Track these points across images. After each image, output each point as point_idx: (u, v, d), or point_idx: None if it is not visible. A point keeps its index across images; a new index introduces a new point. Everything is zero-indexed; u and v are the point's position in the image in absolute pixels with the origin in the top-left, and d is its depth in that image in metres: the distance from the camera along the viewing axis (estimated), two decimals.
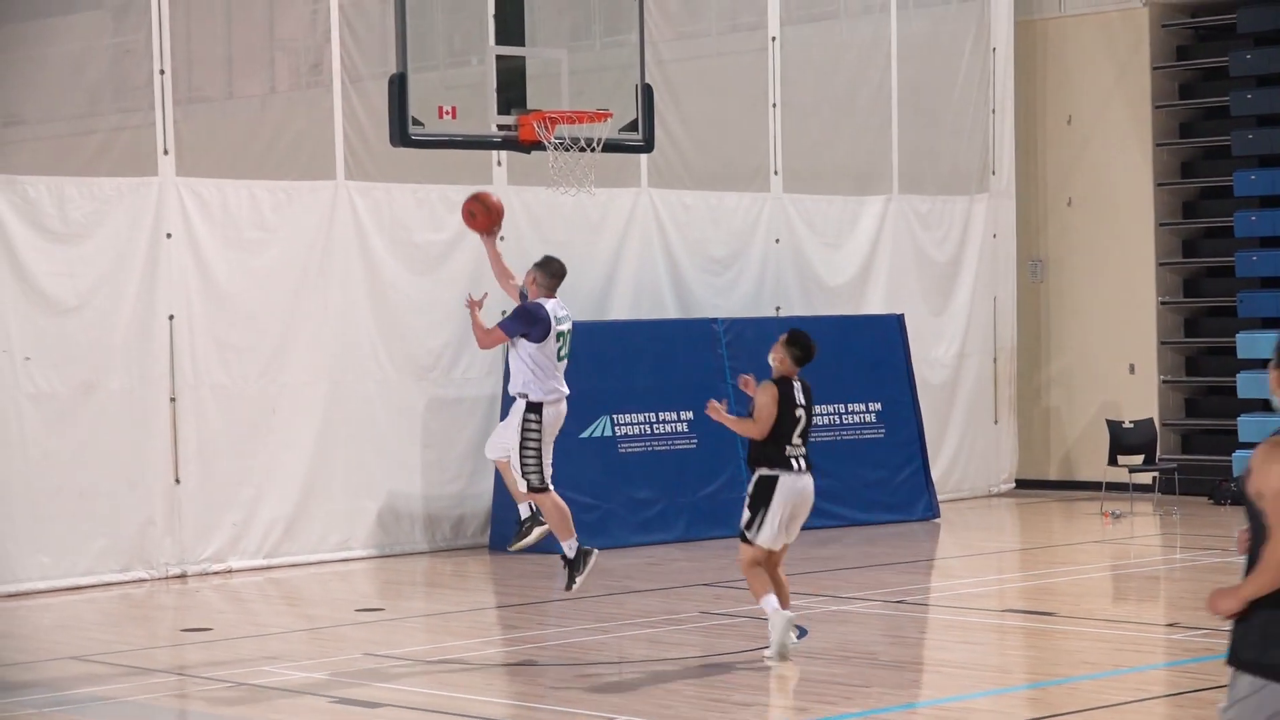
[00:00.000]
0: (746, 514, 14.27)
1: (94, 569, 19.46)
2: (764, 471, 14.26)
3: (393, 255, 21.70)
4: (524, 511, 15.13)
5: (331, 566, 20.36)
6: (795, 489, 14.22)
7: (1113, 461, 24.94)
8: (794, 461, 14.27)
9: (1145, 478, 25.17)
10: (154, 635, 17.01)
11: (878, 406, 24.08)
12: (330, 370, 20.83)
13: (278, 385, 20.49)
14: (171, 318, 20.16)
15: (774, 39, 24.71)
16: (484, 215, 15.20)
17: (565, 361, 15.02)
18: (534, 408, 14.75)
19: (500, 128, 15.75)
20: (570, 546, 14.84)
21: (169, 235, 20.18)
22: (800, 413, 14.38)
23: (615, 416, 22.07)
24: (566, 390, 15.02)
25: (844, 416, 23.79)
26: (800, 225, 24.96)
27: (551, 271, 15.11)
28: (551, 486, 14.87)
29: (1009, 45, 26.92)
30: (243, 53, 22.43)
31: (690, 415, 22.55)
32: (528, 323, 14.78)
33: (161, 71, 20.08)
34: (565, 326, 15.00)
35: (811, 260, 25.03)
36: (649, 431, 22.32)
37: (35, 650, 16.02)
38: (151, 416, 19.96)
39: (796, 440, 14.34)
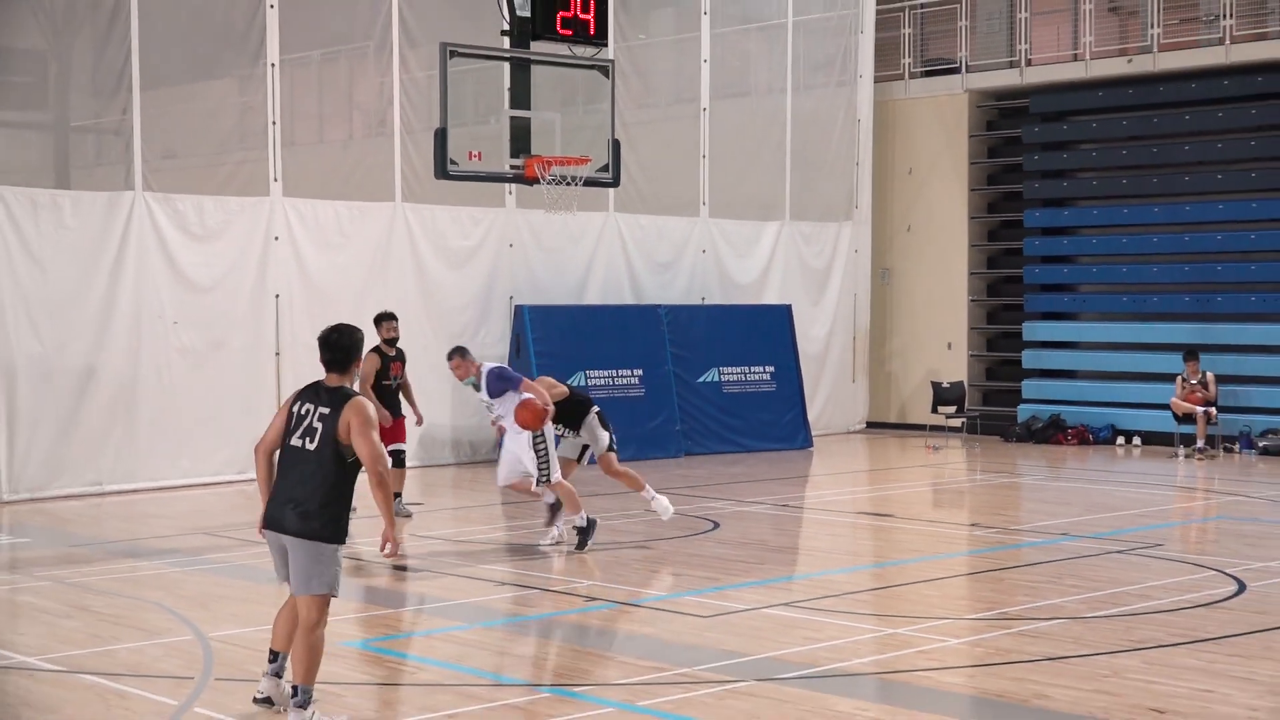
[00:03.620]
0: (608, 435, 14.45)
1: (220, 471, 19.47)
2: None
3: (434, 256, 21.67)
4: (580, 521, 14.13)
5: None
6: None
7: (934, 410, 25.11)
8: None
9: (957, 422, 25.33)
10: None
11: (771, 369, 24.15)
12: None
13: None
14: (277, 296, 20.11)
15: (705, 109, 24.70)
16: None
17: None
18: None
19: (512, 167, 15.74)
20: (581, 518, 14.07)
21: (276, 238, 20.13)
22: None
23: (588, 372, 22.08)
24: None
25: (748, 376, 23.85)
26: (720, 241, 24.98)
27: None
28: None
29: (870, 117, 26.96)
30: (330, 110, 22.37)
31: (640, 372, 22.57)
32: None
33: (274, 122, 20.02)
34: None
35: (727, 265, 25.07)
36: (611, 383, 22.34)
37: (177, 528, 16.01)
38: (262, 365, 19.95)
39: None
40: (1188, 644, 10.07)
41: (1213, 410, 22.50)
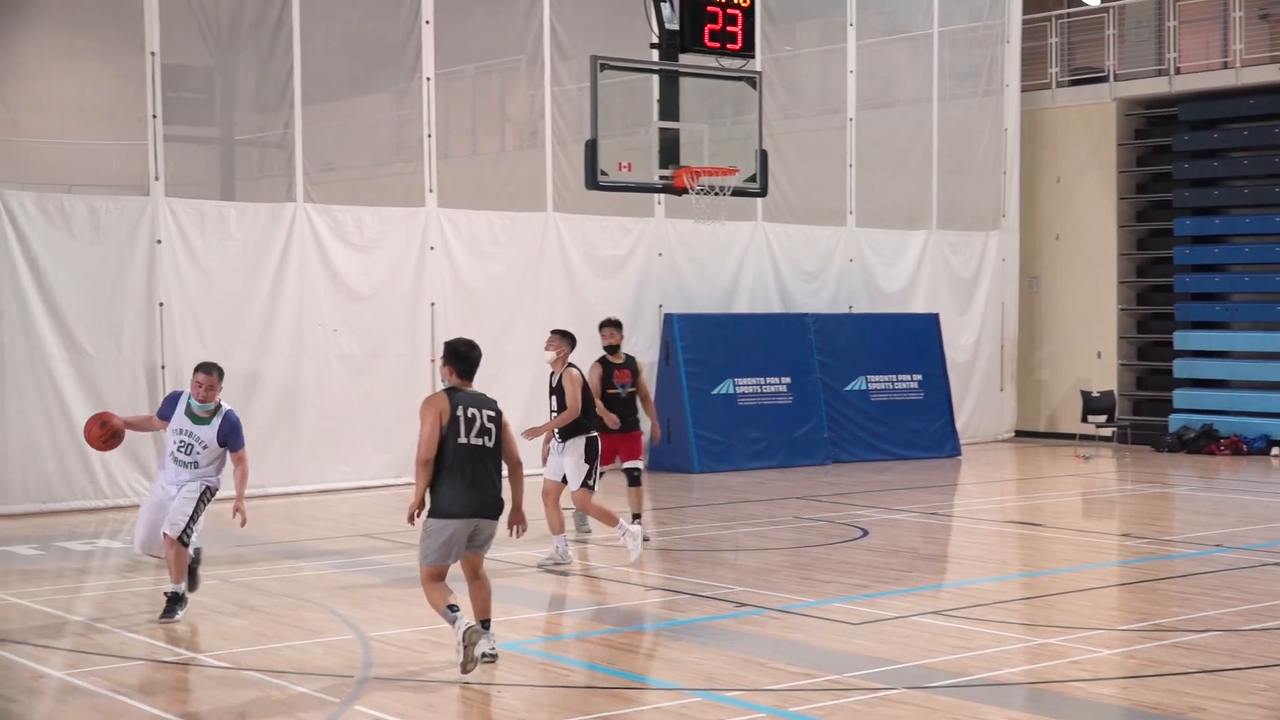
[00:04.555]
0: (586, 467, 13.49)
1: (378, 475, 19.70)
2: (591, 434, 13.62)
3: (584, 265, 21.75)
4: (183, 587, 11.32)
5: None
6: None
7: (1084, 419, 24.69)
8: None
9: (1107, 432, 24.89)
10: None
11: (919, 377, 23.91)
12: (539, 343, 20.84)
13: (503, 353, 20.59)
14: (433, 304, 20.31)
15: (851, 119, 24.54)
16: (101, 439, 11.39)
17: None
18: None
19: (661, 177, 15.73)
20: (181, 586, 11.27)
21: (432, 248, 20.34)
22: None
23: (736, 380, 22.04)
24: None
25: (895, 384, 23.64)
26: (867, 249, 24.79)
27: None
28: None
29: (1016, 126, 26.60)
30: (484, 123, 22.58)
31: (789, 380, 22.46)
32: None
33: (429, 135, 20.23)
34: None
35: (874, 274, 24.87)
36: (759, 390, 22.27)
37: (338, 530, 16.23)
38: (418, 371, 20.14)
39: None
40: None
41: None
